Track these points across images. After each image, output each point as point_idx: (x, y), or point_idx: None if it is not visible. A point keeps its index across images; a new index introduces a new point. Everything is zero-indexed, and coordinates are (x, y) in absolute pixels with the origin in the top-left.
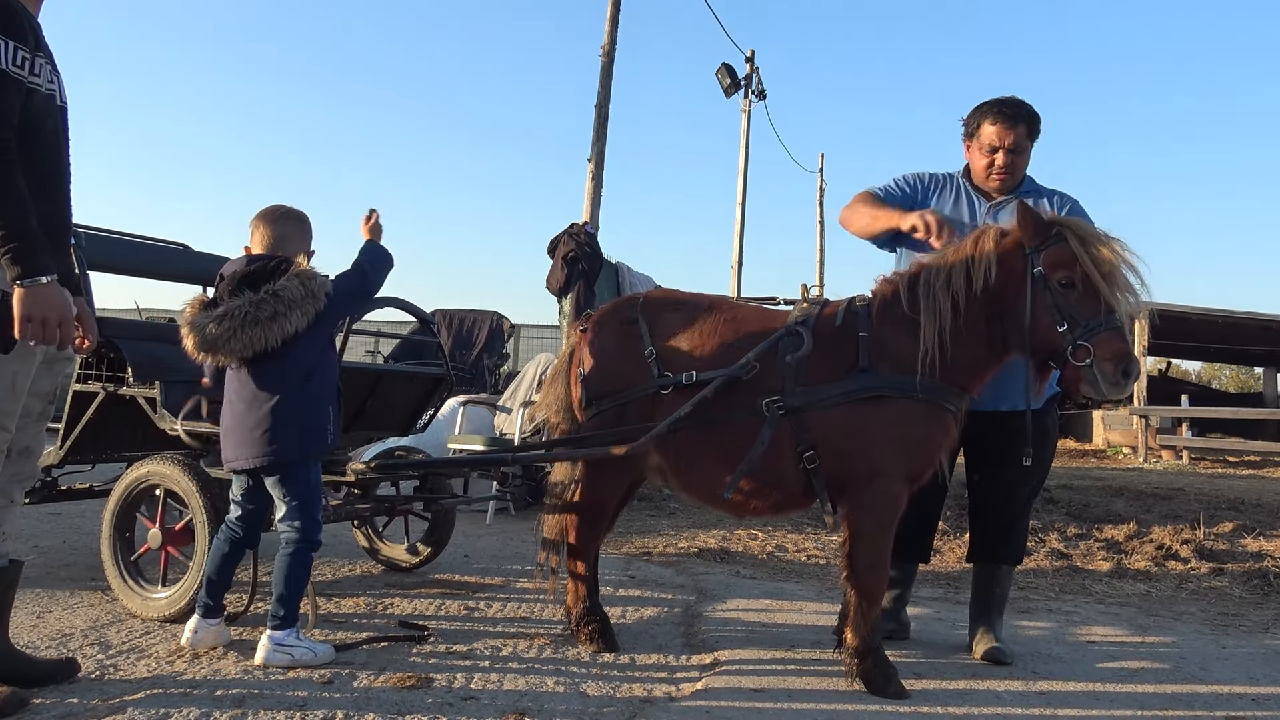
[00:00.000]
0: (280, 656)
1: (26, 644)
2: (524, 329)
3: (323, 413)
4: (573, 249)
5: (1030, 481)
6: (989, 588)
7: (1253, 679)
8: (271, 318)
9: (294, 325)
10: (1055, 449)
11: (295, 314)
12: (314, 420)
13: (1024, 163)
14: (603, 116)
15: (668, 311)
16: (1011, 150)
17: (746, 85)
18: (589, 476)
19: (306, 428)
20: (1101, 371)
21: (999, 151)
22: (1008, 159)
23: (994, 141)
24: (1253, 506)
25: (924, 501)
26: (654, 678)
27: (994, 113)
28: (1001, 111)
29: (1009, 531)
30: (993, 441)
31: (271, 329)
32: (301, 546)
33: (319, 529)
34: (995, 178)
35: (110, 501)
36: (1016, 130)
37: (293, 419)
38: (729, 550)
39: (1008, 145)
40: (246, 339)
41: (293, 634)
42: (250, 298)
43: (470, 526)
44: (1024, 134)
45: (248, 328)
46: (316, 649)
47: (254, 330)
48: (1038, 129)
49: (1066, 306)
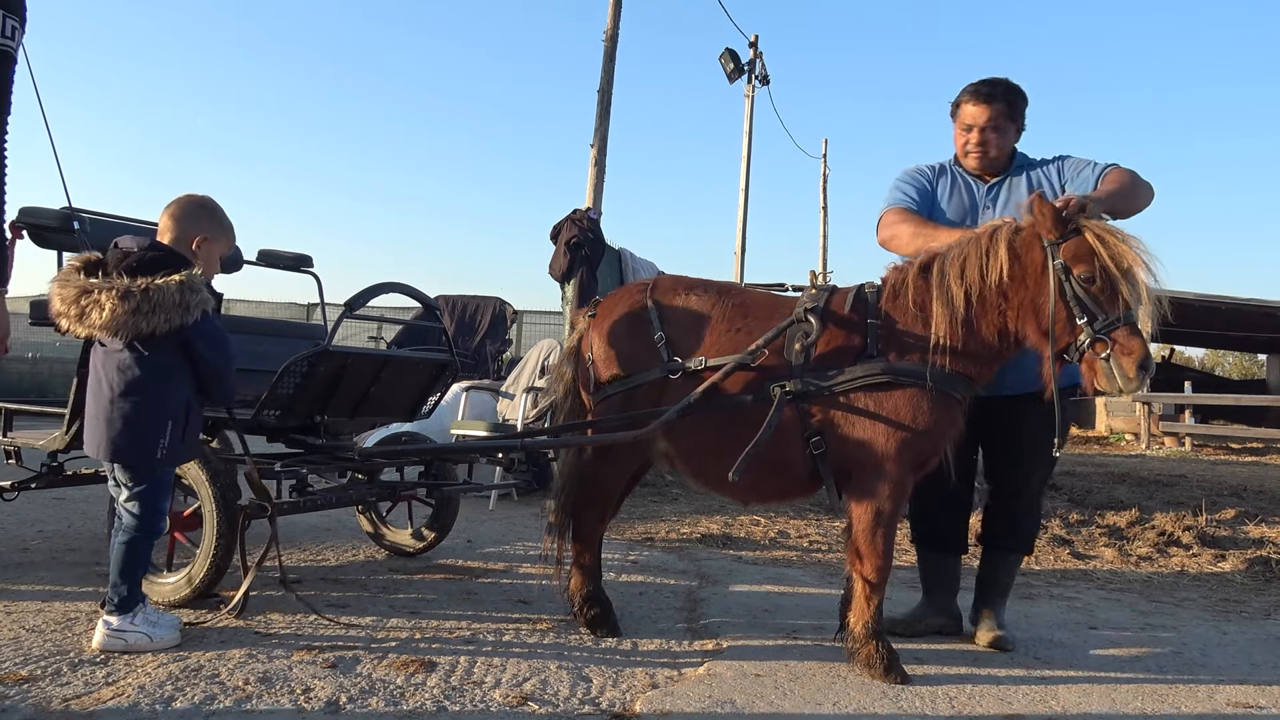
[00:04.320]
0: (114, 642)
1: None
2: (527, 315)
3: (158, 425)
4: (575, 235)
5: (1041, 471)
6: (996, 575)
7: (1254, 665)
8: (135, 311)
9: (151, 327)
10: (1067, 439)
11: (158, 317)
12: (148, 428)
13: (1006, 140)
14: (605, 102)
15: (678, 297)
16: (987, 128)
17: (750, 70)
18: (595, 461)
19: (141, 432)
20: (1119, 366)
21: (973, 129)
22: (980, 136)
23: (969, 120)
24: (1255, 493)
25: (952, 493)
26: (657, 662)
27: (970, 92)
28: (977, 90)
29: (1020, 520)
30: (1007, 429)
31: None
32: (139, 536)
33: (162, 519)
34: (971, 155)
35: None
36: (993, 107)
37: (127, 421)
38: (731, 536)
39: (982, 123)
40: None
41: (128, 619)
42: (121, 284)
43: (474, 512)
44: (1001, 112)
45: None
46: (154, 632)
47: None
48: (1020, 106)
49: (1087, 300)
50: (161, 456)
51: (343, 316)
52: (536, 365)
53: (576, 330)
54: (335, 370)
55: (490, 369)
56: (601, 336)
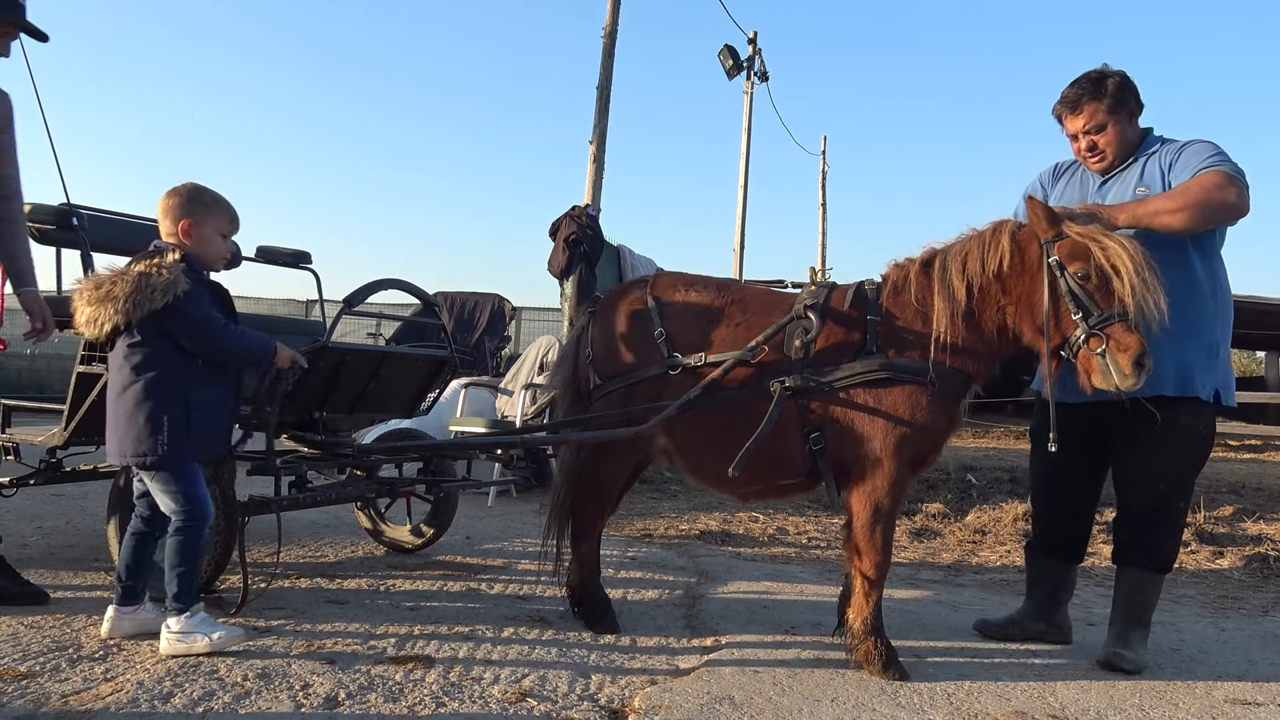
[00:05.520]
0: (178, 644)
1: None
2: (525, 311)
3: (155, 420)
4: (574, 231)
5: (1170, 478)
6: (1124, 592)
7: (1251, 661)
8: (100, 303)
9: (115, 316)
10: (1208, 449)
11: (121, 305)
12: (143, 424)
13: (1120, 133)
14: (604, 98)
15: (678, 293)
16: (1091, 131)
17: (749, 67)
18: (596, 458)
19: (139, 429)
20: (1114, 362)
21: (1077, 139)
22: (1087, 142)
23: (1070, 131)
24: (1253, 490)
25: (1070, 499)
26: (655, 658)
27: (1060, 102)
28: (1064, 99)
29: (1147, 532)
30: (1131, 430)
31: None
32: (187, 526)
33: (204, 505)
34: (1092, 164)
35: (116, 483)
36: (1085, 110)
37: (129, 418)
38: (730, 532)
39: (1080, 130)
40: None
41: (192, 619)
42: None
43: (472, 508)
44: (1099, 109)
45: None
46: (213, 630)
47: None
48: (1120, 94)
49: (1082, 296)
50: (163, 453)
51: (341, 313)
52: (535, 362)
53: (577, 326)
54: (334, 366)
55: (489, 366)
56: (602, 333)
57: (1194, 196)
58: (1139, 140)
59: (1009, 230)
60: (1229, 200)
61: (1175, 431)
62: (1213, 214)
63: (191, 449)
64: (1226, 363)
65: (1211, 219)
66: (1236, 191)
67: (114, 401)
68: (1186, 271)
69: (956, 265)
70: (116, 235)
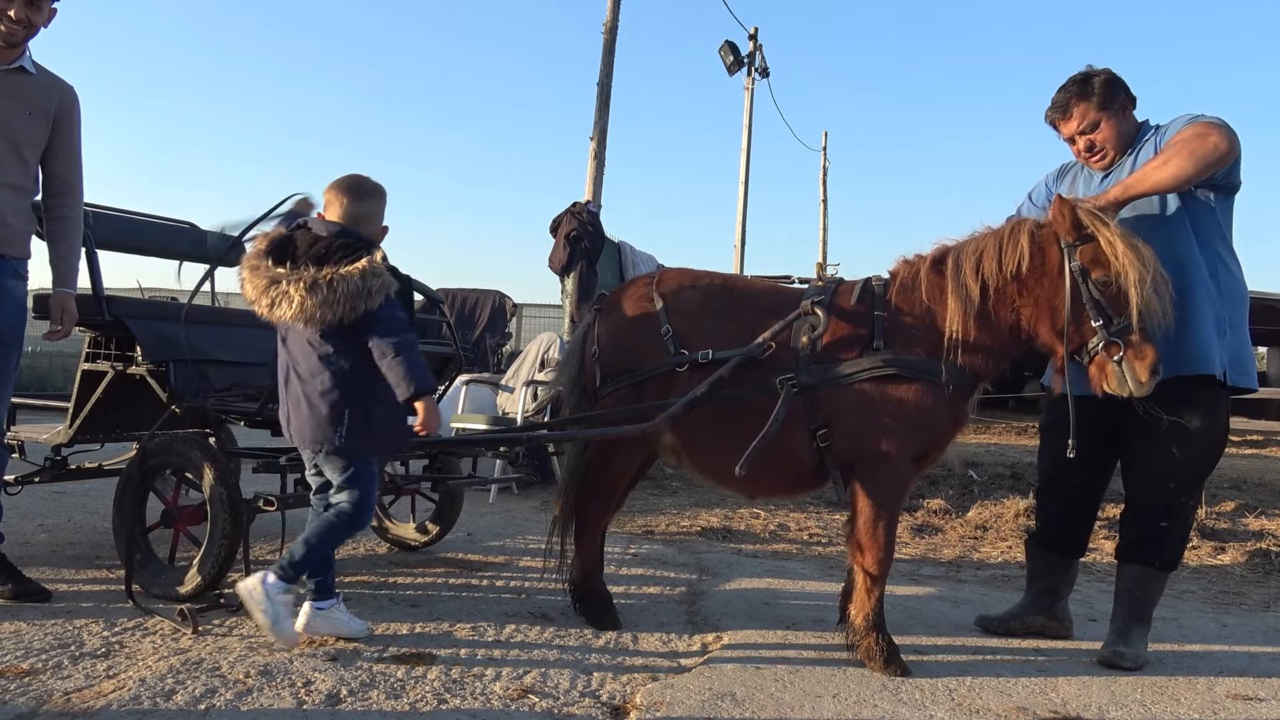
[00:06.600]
0: (321, 624)
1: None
2: (526, 308)
3: (336, 412)
4: (575, 228)
5: (1181, 476)
6: (1127, 588)
7: (1253, 657)
8: (323, 303)
9: (337, 316)
10: (1220, 448)
11: (343, 306)
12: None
13: (1113, 130)
14: (605, 95)
15: (684, 290)
16: (1086, 132)
17: (750, 63)
18: (601, 455)
19: (321, 419)
20: (1131, 370)
21: (1073, 141)
22: (1084, 143)
23: (1064, 135)
24: (1255, 486)
25: (1078, 493)
26: (657, 655)
27: (1050, 110)
28: (1053, 105)
29: (1155, 529)
30: (1143, 427)
31: (321, 314)
32: (339, 523)
33: (368, 514)
34: (1094, 164)
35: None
36: (1075, 112)
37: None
38: (731, 529)
39: (1073, 132)
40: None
41: (334, 603)
42: (309, 276)
43: (474, 505)
44: (1089, 109)
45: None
46: (349, 620)
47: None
48: (1107, 91)
49: (1104, 303)
50: (340, 445)
51: None
52: (536, 359)
53: (583, 324)
54: None
55: (490, 362)
56: (608, 330)
57: (1178, 148)
58: (1136, 133)
59: (1028, 230)
60: (1213, 142)
61: (1189, 430)
62: (1201, 159)
63: (369, 445)
64: (1239, 343)
65: (1201, 164)
66: (1219, 133)
67: (296, 385)
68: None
69: (971, 264)
70: (122, 232)
